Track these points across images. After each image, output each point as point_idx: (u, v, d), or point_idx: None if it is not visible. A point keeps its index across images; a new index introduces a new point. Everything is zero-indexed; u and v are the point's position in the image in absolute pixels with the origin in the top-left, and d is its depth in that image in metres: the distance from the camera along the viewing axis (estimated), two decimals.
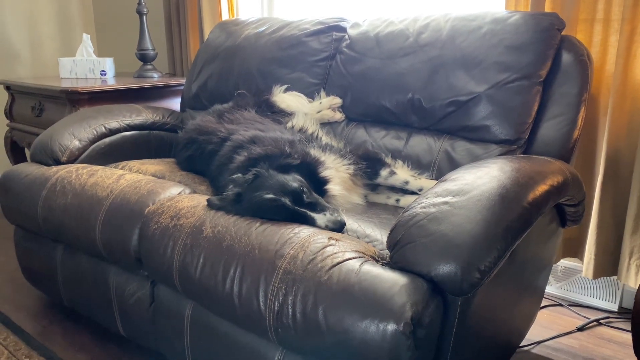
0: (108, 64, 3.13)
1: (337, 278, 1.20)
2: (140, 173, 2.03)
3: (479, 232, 1.18)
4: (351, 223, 1.52)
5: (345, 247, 1.30)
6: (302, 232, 1.37)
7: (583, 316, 2.11)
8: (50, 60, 3.68)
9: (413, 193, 1.78)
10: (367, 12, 2.69)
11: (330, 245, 1.30)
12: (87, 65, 3.11)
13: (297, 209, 1.46)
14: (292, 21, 2.40)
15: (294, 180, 1.51)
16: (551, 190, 1.37)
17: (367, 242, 1.45)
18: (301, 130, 1.98)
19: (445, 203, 1.25)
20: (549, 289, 2.29)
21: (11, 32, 3.58)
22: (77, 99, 2.61)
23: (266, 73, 2.30)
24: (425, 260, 1.18)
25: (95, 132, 2.27)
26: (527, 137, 1.77)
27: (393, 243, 1.27)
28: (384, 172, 1.78)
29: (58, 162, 2.14)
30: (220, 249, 1.41)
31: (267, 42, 2.37)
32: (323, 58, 2.23)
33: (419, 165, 1.87)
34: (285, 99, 2.17)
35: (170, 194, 1.72)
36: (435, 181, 1.77)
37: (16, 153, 3.14)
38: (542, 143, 1.76)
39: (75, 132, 2.23)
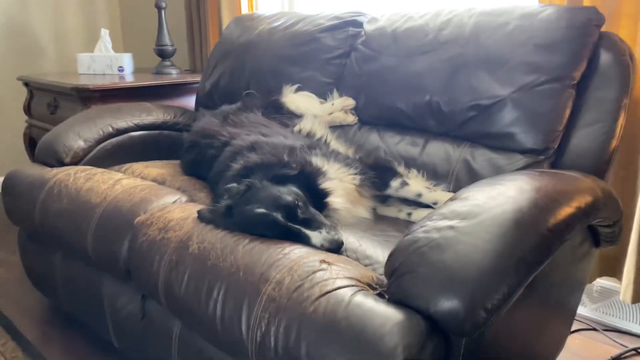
0: (126, 60, 3.06)
1: (323, 310, 1.06)
2: (141, 177, 1.94)
3: (487, 263, 1.02)
4: (352, 241, 1.38)
5: (338, 272, 1.16)
6: (293, 252, 1.24)
7: (620, 344, 1.90)
8: (75, 56, 3.66)
9: (427, 206, 1.62)
10: (395, 6, 2.51)
11: (321, 269, 1.16)
12: (105, 62, 3.06)
13: (291, 226, 1.32)
14: (307, 16, 2.26)
15: (288, 193, 1.38)
16: (577, 213, 1.19)
17: (367, 265, 1.30)
18: (309, 135, 1.85)
19: (451, 227, 1.09)
20: (582, 311, 2.08)
21: (37, 27, 3.58)
22: (88, 97, 2.55)
23: (277, 71, 2.17)
24: (425, 294, 1.02)
25: (101, 132, 2.19)
26: (556, 147, 1.58)
27: (391, 271, 1.12)
28: (394, 183, 1.62)
29: (62, 163, 2.08)
30: (204, 267, 1.29)
31: (280, 39, 2.23)
32: (337, 55, 2.08)
33: (435, 175, 1.70)
34: (295, 99, 2.03)
35: (164, 202, 1.62)
36: (453, 194, 1.61)
37: (34, 149, 3.11)
38: (574, 154, 1.56)
39: (81, 132, 2.16)
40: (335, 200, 1.49)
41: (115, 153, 2.23)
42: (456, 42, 1.75)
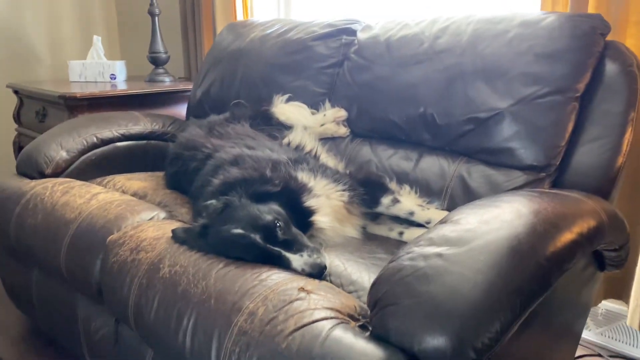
0: (118, 67, 2.99)
1: (297, 346, 0.96)
2: (122, 190, 1.85)
3: (478, 297, 0.91)
4: (337, 264, 1.28)
5: (317, 302, 1.06)
6: (270, 278, 1.14)
7: None
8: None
9: (420, 225, 1.52)
10: (393, 14, 2.42)
11: (298, 299, 1.06)
12: (97, 69, 2.98)
13: (269, 248, 1.23)
14: (301, 23, 2.17)
15: (268, 212, 1.28)
16: (579, 240, 1.08)
17: (352, 292, 1.20)
18: (298, 147, 1.75)
19: (439, 255, 0.99)
20: (586, 335, 1.97)
21: (31, 33, 3.51)
22: (75, 106, 2.47)
23: (269, 80, 2.08)
24: (408, 329, 0.92)
25: (85, 143, 2.11)
26: (558, 163, 1.47)
27: (374, 301, 1.02)
28: (385, 200, 1.52)
29: (43, 175, 2.00)
30: (175, 293, 1.20)
31: (272, 46, 2.15)
32: (330, 65, 1.99)
33: (428, 191, 1.60)
34: (285, 110, 1.94)
35: (140, 219, 1.53)
36: (447, 212, 1.51)
37: None
38: (577, 171, 1.46)
39: (64, 142, 2.07)
40: (321, 219, 1.40)
41: (99, 164, 2.15)
42: (453, 51, 1.65)
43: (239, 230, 1.24)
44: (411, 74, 1.71)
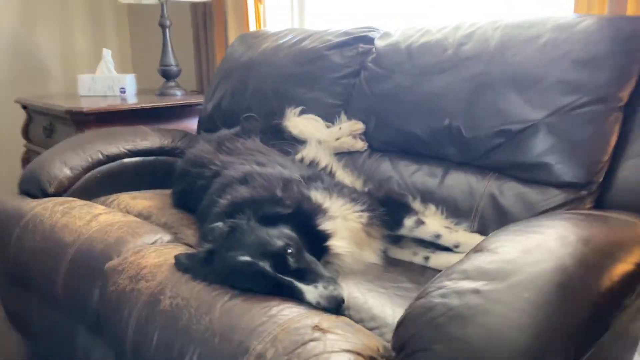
0: (128, 81, 2.90)
1: None
2: (126, 210, 1.74)
3: (524, 343, 0.78)
4: (356, 296, 1.15)
5: (334, 343, 0.93)
6: (282, 314, 1.02)
7: None
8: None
9: (447, 249, 1.38)
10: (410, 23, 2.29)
11: (313, 339, 0.94)
12: (107, 83, 2.90)
13: (280, 278, 1.10)
14: (315, 32, 2.06)
15: (279, 237, 1.16)
16: (637, 272, 0.94)
17: (373, 328, 1.07)
18: (312, 163, 1.63)
19: (476, 292, 0.86)
20: None
21: (42, 48, 3.45)
22: (82, 121, 2.38)
23: (281, 92, 1.97)
24: None
25: (89, 159, 2.01)
26: (601, 180, 1.33)
27: (400, 344, 0.89)
28: (408, 222, 1.39)
29: (45, 194, 1.90)
30: (175, 329, 1.07)
31: (284, 57, 2.03)
32: (346, 75, 1.87)
33: (456, 211, 1.46)
34: (298, 123, 1.82)
35: (142, 243, 1.41)
36: (477, 235, 1.37)
37: None
38: (623, 189, 1.32)
39: (68, 159, 1.97)
40: (338, 244, 1.27)
41: (105, 182, 2.05)
42: (479, 58, 1.52)
43: (246, 258, 1.12)
44: (434, 83, 1.58)
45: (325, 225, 1.26)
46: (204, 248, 1.21)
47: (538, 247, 0.94)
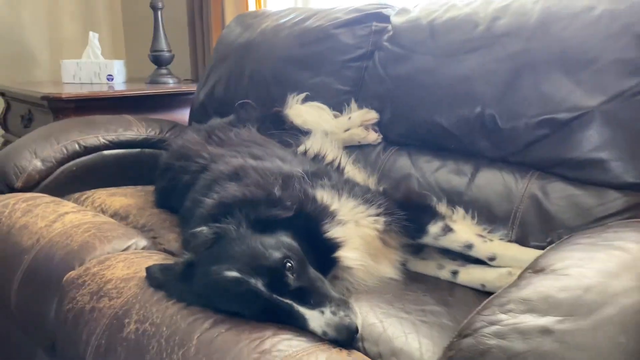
0: (116, 67, 2.66)
1: None
2: (100, 209, 1.51)
3: None
4: (372, 323, 0.91)
5: None
6: (277, 348, 0.78)
7: None
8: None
9: (479, 261, 1.14)
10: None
11: None
12: (93, 69, 2.66)
13: (277, 300, 0.86)
14: (321, 10, 1.82)
15: (276, 247, 0.92)
16: None
17: None
18: (317, 157, 1.39)
19: (547, 332, 0.61)
20: None
21: (29, 33, 3.21)
22: (61, 108, 2.14)
23: (282, 77, 1.73)
24: None
25: (64, 151, 1.77)
26: None
27: None
28: (434, 228, 1.14)
29: (12, 189, 1.66)
30: None
31: (286, 37, 1.79)
32: (357, 57, 1.62)
33: (490, 216, 1.22)
34: (302, 112, 1.58)
35: (111, 249, 1.17)
36: (515, 246, 1.13)
37: None
38: None
39: (39, 149, 1.73)
40: (348, 256, 1.03)
41: (83, 177, 1.81)
42: (518, 34, 1.28)
43: (234, 273, 0.88)
44: (463, 64, 1.34)
45: (333, 232, 1.02)
46: (182, 259, 0.97)
47: (626, 269, 0.69)
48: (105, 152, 1.87)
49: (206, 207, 1.09)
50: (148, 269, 0.99)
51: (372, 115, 1.50)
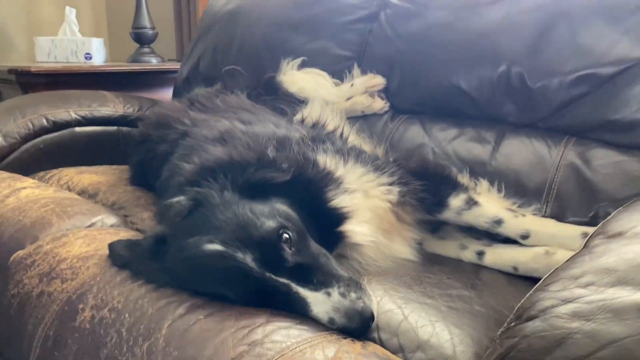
0: (95, 46, 2.46)
1: None
2: (66, 187, 1.31)
3: None
4: (389, 309, 0.72)
5: None
6: (271, 339, 0.60)
7: None
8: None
9: (509, 240, 0.96)
10: None
11: None
12: (69, 47, 2.45)
13: (271, 279, 0.68)
14: None
15: (269, 216, 0.74)
16: None
17: None
18: (316, 125, 1.20)
19: None
20: None
21: (3, 13, 3.00)
22: (30, 83, 1.95)
23: (275, 43, 1.55)
24: None
25: (30, 126, 1.58)
26: None
27: None
28: (456, 201, 0.97)
29: None
30: (95, 359, 0.65)
31: (280, 0, 1.61)
32: (360, 18, 1.44)
33: (519, 189, 1.04)
34: (298, 78, 1.40)
35: (71, 226, 0.98)
36: (552, 221, 0.95)
37: None
38: None
39: (1, 124, 1.54)
40: (357, 230, 0.84)
41: (51, 155, 1.61)
42: None
43: (216, 246, 0.69)
44: (485, 17, 1.16)
45: (339, 201, 0.84)
46: (153, 232, 0.79)
47: None
48: (77, 128, 1.67)
49: (185, 174, 0.90)
50: (111, 245, 0.80)
51: (377, 81, 1.32)
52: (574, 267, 0.53)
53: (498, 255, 0.95)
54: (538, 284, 0.54)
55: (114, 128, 1.76)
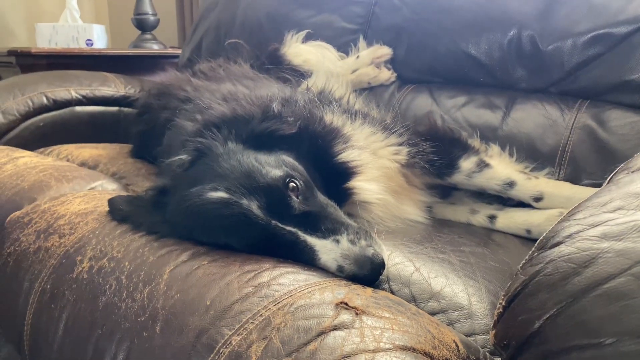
0: (96, 32, 2.44)
1: None
2: (65, 159, 1.29)
3: None
4: (400, 262, 0.69)
5: (378, 333, 0.48)
6: (278, 282, 0.57)
7: None
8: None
9: (521, 204, 0.93)
10: None
11: (338, 327, 0.48)
12: (70, 33, 2.43)
13: (277, 227, 0.65)
14: None
15: (275, 165, 0.70)
16: None
17: (436, 313, 0.61)
18: (322, 93, 1.17)
19: None
20: None
21: (5, 4, 2.98)
22: (30, 65, 1.93)
23: (279, 18, 1.52)
24: None
25: (30, 103, 1.55)
26: None
27: (515, 339, 0.43)
28: (466, 163, 0.94)
29: None
30: (93, 308, 0.62)
31: None
32: None
33: (531, 153, 1.01)
34: (302, 51, 1.37)
35: (70, 189, 0.95)
36: (567, 184, 0.92)
37: None
38: None
39: (0, 101, 1.51)
40: (365, 187, 0.82)
41: (51, 133, 1.58)
42: None
43: (220, 194, 0.66)
44: None
45: (347, 155, 0.81)
46: (155, 185, 0.76)
47: None
48: (78, 108, 1.64)
49: (187, 132, 0.87)
50: (111, 200, 0.78)
51: (384, 51, 1.29)
52: (601, 195, 0.50)
53: (510, 219, 0.92)
54: (561, 217, 0.51)
55: (115, 108, 1.73)
